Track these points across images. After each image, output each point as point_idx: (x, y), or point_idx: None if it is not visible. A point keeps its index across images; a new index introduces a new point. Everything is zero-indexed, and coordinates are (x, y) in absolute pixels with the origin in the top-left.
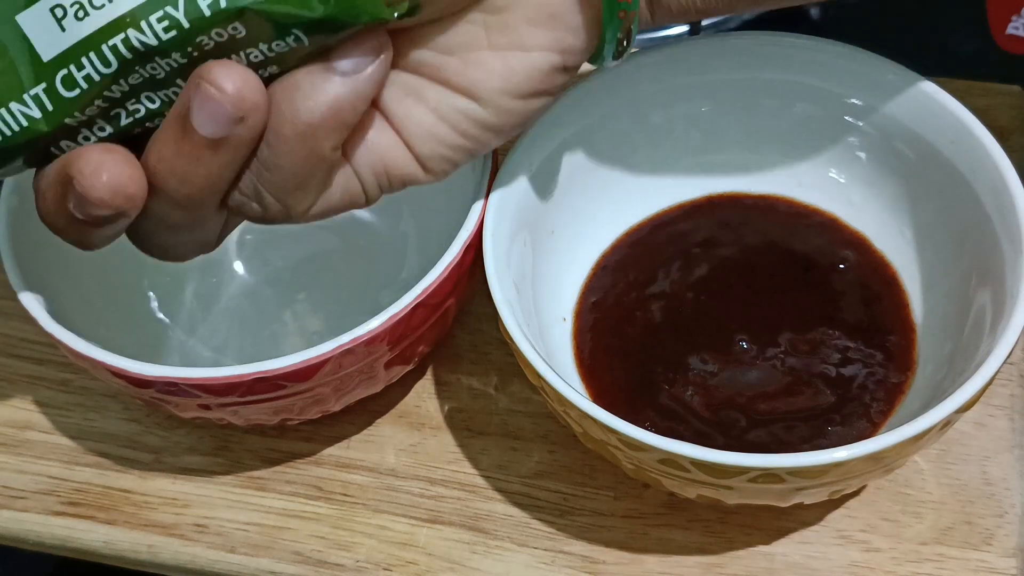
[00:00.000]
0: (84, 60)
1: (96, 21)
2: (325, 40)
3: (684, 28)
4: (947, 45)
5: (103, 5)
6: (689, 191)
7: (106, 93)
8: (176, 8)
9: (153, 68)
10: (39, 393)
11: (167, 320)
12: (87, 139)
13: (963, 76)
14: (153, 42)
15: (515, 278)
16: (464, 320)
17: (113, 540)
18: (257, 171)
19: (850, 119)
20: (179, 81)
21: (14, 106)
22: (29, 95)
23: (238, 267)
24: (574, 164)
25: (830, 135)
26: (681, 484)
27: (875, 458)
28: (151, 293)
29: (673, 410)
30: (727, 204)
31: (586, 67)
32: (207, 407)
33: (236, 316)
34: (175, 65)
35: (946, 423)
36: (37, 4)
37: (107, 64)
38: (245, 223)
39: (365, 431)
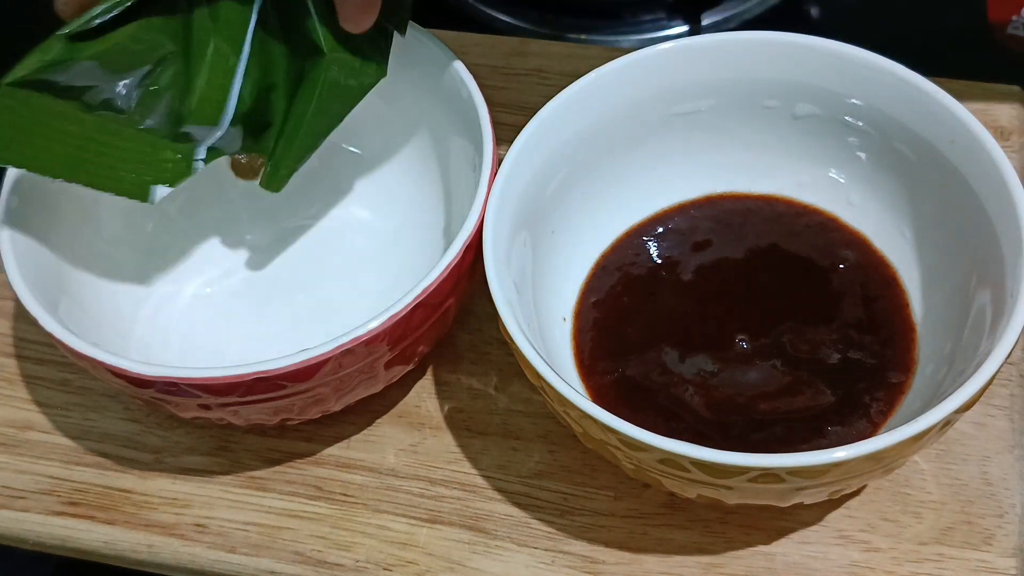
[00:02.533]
0: None
1: None
2: None
3: (684, 28)
4: (947, 45)
5: None
6: (689, 191)
7: None
8: None
9: None
10: (39, 393)
11: (167, 320)
12: None
13: (963, 76)
14: None
15: (515, 278)
16: (464, 320)
17: (113, 540)
18: None
19: (850, 119)
20: None
21: None
22: None
23: (238, 267)
24: (574, 164)
25: (830, 135)
26: (681, 484)
27: (875, 458)
28: (151, 293)
29: (673, 410)
30: (727, 204)
31: (585, 66)
32: (207, 407)
33: (236, 316)
34: None
35: (946, 423)
36: None
37: None
38: (244, 222)
39: (365, 431)
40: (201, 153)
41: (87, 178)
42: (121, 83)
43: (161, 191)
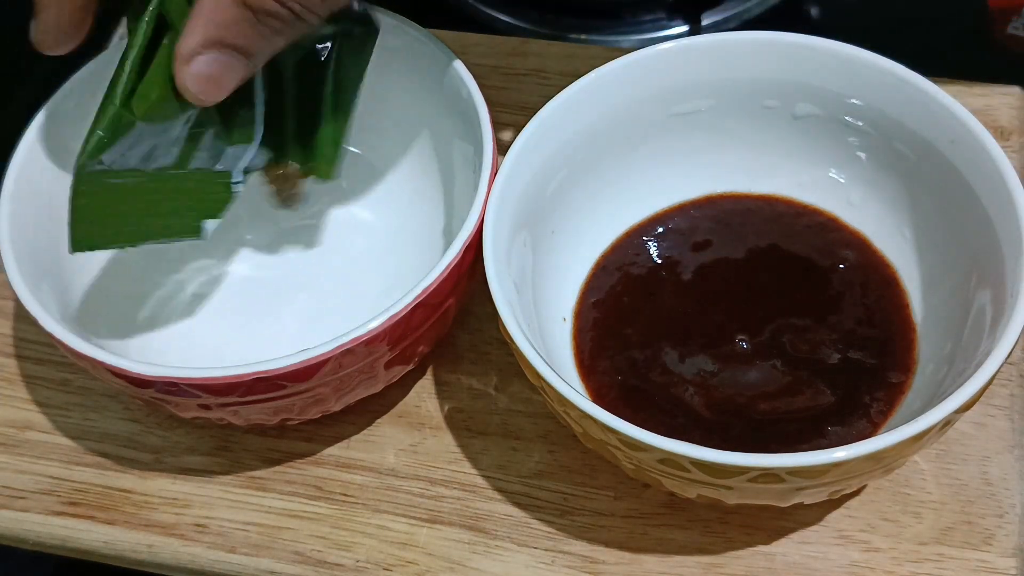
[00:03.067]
0: None
1: None
2: None
3: (684, 28)
4: (947, 45)
5: None
6: (689, 191)
7: None
8: None
9: None
10: (39, 393)
11: (167, 320)
12: None
13: (963, 76)
14: None
15: (515, 278)
16: (464, 320)
17: (113, 540)
18: None
19: (850, 119)
20: None
21: None
22: None
23: (238, 267)
24: (574, 163)
25: (830, 135)
26: (681, 484)
27: (875, 458)
28: (151, 293)
29: (673, 410)
30: (727, 204)
31: (585, 66)
32: (207, 407)
33: (236, 316)
34: None
35: (946, 423)
36: None
37: None
38: (244, 222)
39: (365, 431)
40: (238, 176)
41: (150, 236)
42: (168, 133)
43: (211, 224)
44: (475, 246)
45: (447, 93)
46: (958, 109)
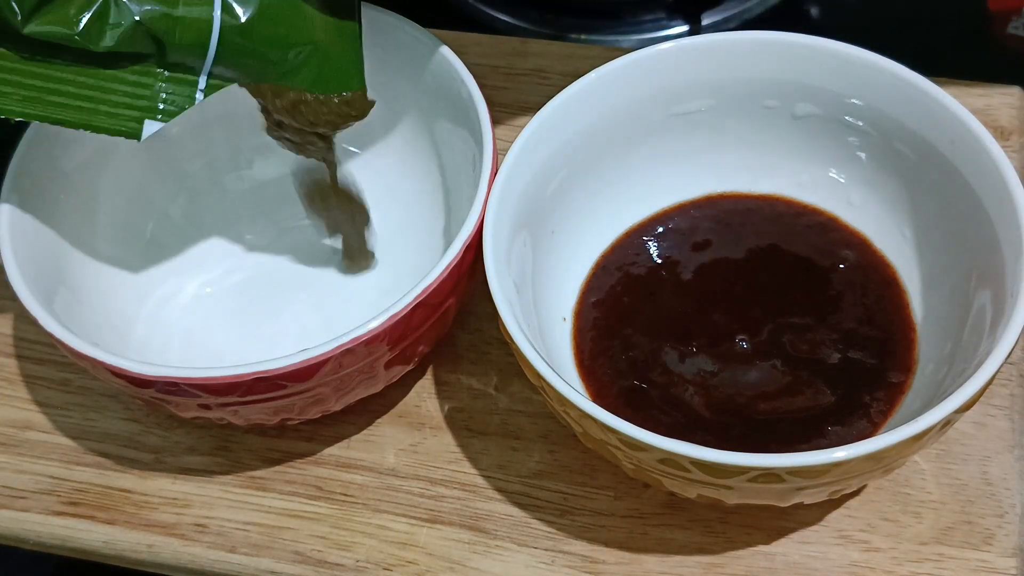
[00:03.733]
0: None
1: None
2: None
3: (684, 28)
4: (947, 45)
5: None
6: (689, 191)
7: None
8: None
9: None
10: (39, 393)
11: (167, 320)
12: None
13: (963, 76)
14: None
15: (515, 278)
16: (464, 320)
17: (113, 540)
18: None
19: (850, 119)
20: None
21: None
22: None
23: (238, 267)
24: (574, 163)
25: (830, 135)
26: (681, 484)
27: (875, 458)
28: (151, 293)
29: (673, 410)
30: (727, 204)
31: (585, 66)
32: (207, 407)
33: (236, 316)
34: None
35: (946, 423)
36: None
37: None
38: (244, 222)
39: (365, 431)
40: (201, 83)
41: (57, 114)
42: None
43: (152, 126)
44: (475, 246)
45: (447, 93)
46: (958, 109)
